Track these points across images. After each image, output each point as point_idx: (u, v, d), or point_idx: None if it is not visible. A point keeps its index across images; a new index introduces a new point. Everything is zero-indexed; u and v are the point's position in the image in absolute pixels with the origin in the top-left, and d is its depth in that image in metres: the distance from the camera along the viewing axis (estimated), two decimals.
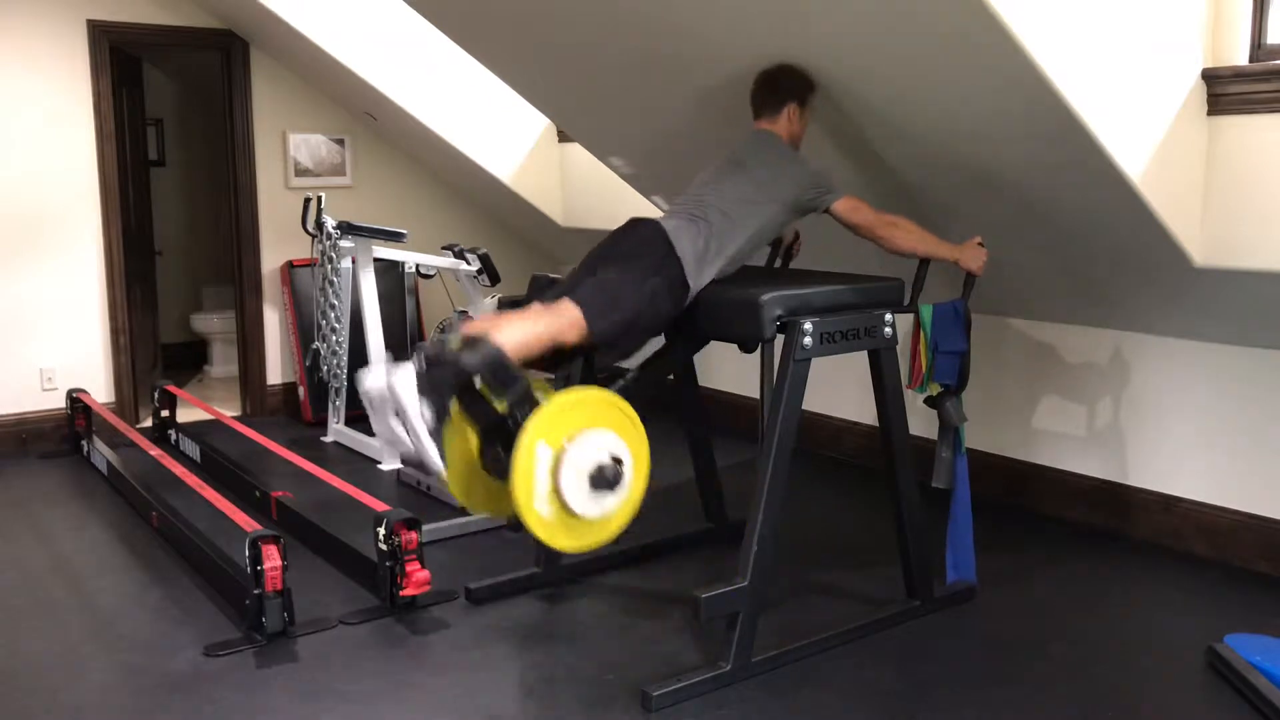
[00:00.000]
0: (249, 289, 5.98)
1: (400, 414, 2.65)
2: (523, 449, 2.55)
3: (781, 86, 3.33)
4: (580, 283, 2.96)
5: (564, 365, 3.18)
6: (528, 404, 2.64)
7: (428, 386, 2.62)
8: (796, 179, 3.22)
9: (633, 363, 3.19)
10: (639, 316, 2.92)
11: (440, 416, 2.65)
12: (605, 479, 2.66)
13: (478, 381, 2.72)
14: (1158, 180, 3.08)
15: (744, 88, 3.50)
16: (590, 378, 3.24)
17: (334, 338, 5.33)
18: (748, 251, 3.20)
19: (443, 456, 2.68)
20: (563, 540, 2.70)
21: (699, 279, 3.04)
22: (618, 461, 2.68)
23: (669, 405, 4.05)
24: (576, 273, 3.07)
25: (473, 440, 2.84)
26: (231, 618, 3.32)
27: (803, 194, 3.22)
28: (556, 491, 2.61)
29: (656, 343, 3.35)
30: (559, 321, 2.82)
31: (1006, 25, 2.60)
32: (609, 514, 2.73)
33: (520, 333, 2.75)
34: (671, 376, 3.83)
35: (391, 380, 2.64)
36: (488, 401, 2.76)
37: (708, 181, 3.24)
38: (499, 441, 2.76)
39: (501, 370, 2.66)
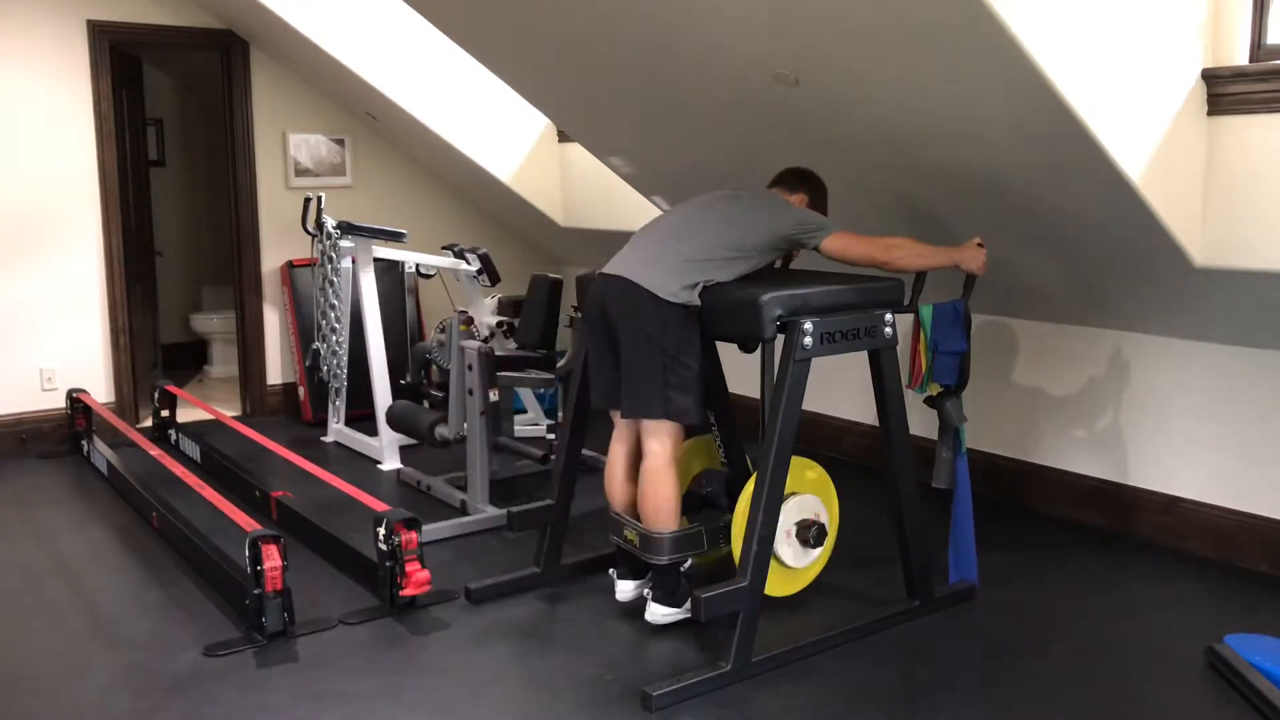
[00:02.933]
0: (249, 289, 5.98)
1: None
2: (739, 516, 3.05)
3: (806, 180, 3.49)
4: (617, 381, 3.20)
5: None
6: (698, 545, 3.25)
7: (671, 599, 3.19)
8: (790, 214, 3.28)
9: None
10: (687, 375, 3.10)
11: (683, 592, 3.19)
12: (810, 539, 3.22)
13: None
14: (1158, 180, 3.08)
15: (744, 87, 3.51)
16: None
17: (334, 338, 5.33)
18: (736, 275, 3.23)
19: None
20: (781, 589, 3.23)
21: (690, 295, 3.09)
22: (816, 522, 3.24)
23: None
24: (594, 358, 3.28)
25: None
26: (231, 618, 3.32)
27: (791, 230, 3.26)
28: (775, 555, 3.10)
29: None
30: (661, 455, 3.15)
31: (1006, 26, 2.59)
32: (813, 564, 3.32)
33: (662, 502, 3.15)
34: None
35: (667, 620, 3.21)
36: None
37: (686, 206, 3.35)
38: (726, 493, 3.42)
39: (673, 579, 3.21)
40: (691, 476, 3.47)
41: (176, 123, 7.68)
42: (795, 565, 3.24)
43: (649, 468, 3.16)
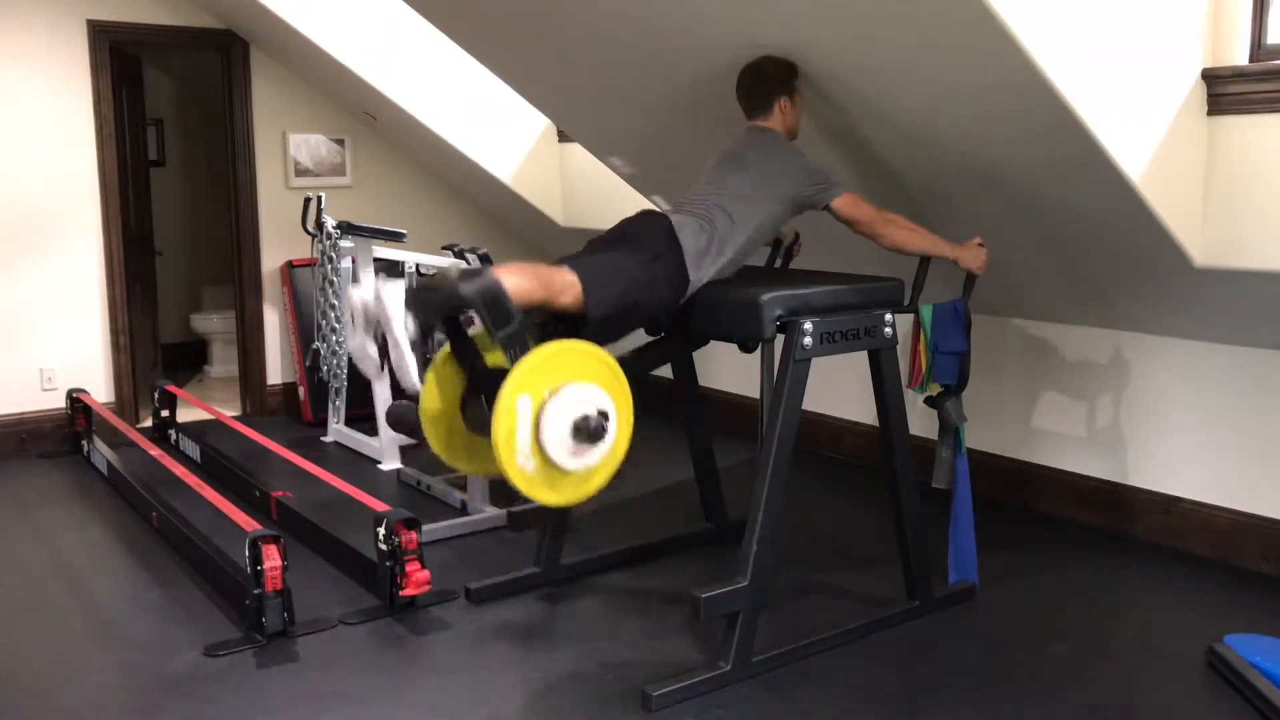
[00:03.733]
0: (249, 289, 5.98)
1: (384, 327, 2.61)
2: (504, 401, 2.51)
3: (766, 82, 3.30)
4: (583, 257, 2.96)
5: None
6: (521, 344, 2.61)
7: (417, 303, 2.60)
8: (797, 175, 3.21)
9: (617, 350, 3.18)
10: (635, 297, 2.90)
11: (425, 335, 2.63)
12: (588, 431, 2.61)
13: (473, 328, 2.72)
14: (1158, 180, 3.08)
15: None
16: None
17: (334, 338, 5.33)
18: (748, 250, 3.19)
19: (421, 376, 2.66)
20: (545, 494, 2.65)
21: (699, 273, 3.04)
22: (602, 415, 2.63)
23: (669, 405, 4.06)
24: (580, 252, 3.06)
25: (456, 390, 2.84)
26: (231, 618, 3.32)
27: (803, 189, 3.21)
28: (538, 443, 2.56)
29: (639, 338, 3.33)
30: (557, 281, 2.77)
31: (1006, 25, 2.60)
32: (591, 467, 2.68)
33: (518, 279, 2.69)
34: (671, 376, 3.83)
35: (380, 290, 2.60)
36: (479, 351, 2.76)
37: (709, 180, 3.24)
38: (484, 394, 2.74)
39: (498, 303, 2.62)
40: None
41: (176, 123, 7.68)
42: (568, 467, 2.62)
43: (550, 267, 2.81)
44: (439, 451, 2.91)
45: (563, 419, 2.59)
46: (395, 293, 2.59)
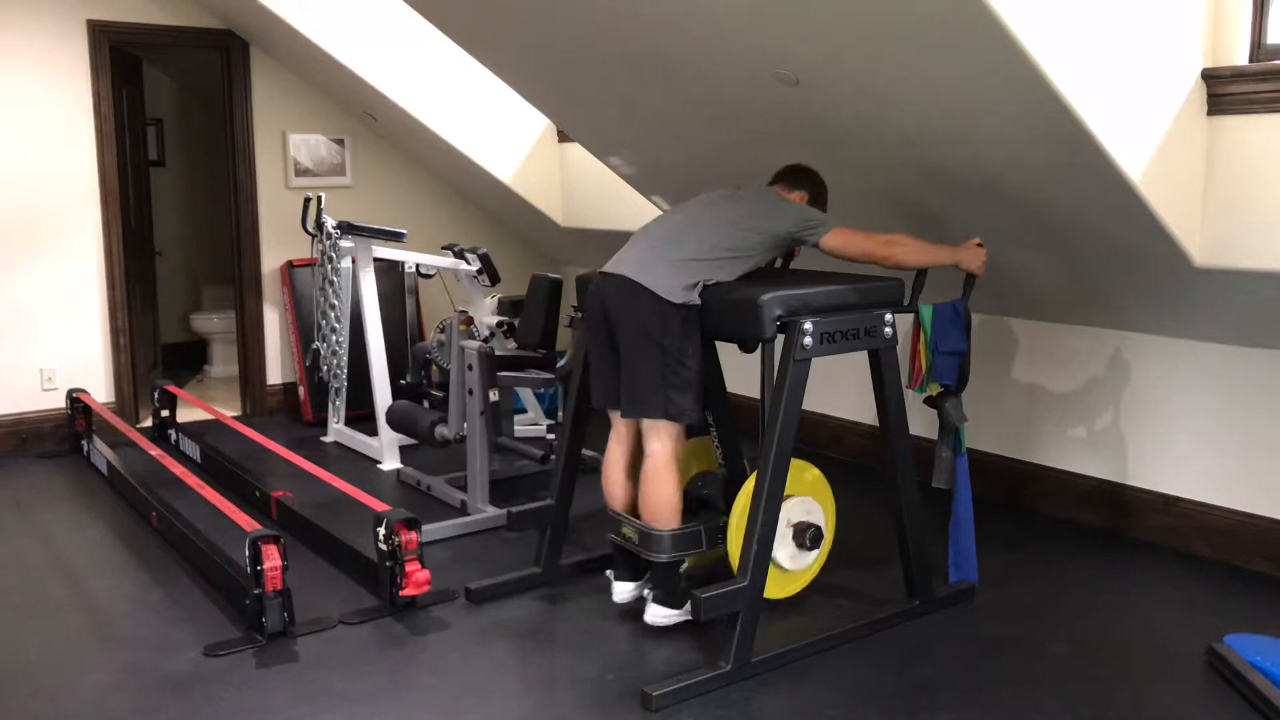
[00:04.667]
0: (249, 289, 5.98)
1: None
2: (735, 518, 3.09)
3: (806, 177, 3.48)
4: (617, 381, 3.19)
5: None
6: (696, 545, 3.21)
7: (671, 599, 3.17)
8: (790, 215, 3.28)
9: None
10: (687, 373, 3.10)
11: (682, 594, 3.15)
12: (806, 542, 3.24)
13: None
14: (1158, 180, 3.08)
15: (744, 87, 3.51)
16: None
17: (334, 338, 5.32)
18: (737, 274, 3.23)
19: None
20: (779, 592, 3.25)
21: (690, 294, 3.09)
22: (813, 525, 3.26)
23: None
24: (596, 358, 3.27)
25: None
26: (231, 618, 3.32)
27: (792, 227, 3.26)
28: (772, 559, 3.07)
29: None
30: (662, 454, 3.14)
31: (1006, 26, 2.59)
32: (810, 567, 3.34)
33: (663, 499, 3.14)
34: None
35: (666, 622, 3.18)
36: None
37: (688, 207, 3.35)
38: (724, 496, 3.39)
39: (676, 570, 3.22)
40: (689, 477, 3.46)
41: (176, 123, 7.68)
42: (791, 568, 3.25)
43: (650, 467, 3.15)
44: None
45: (787, 530, 3.21)
46: (666, 616, 3.18)
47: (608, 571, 3.43)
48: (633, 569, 3.33)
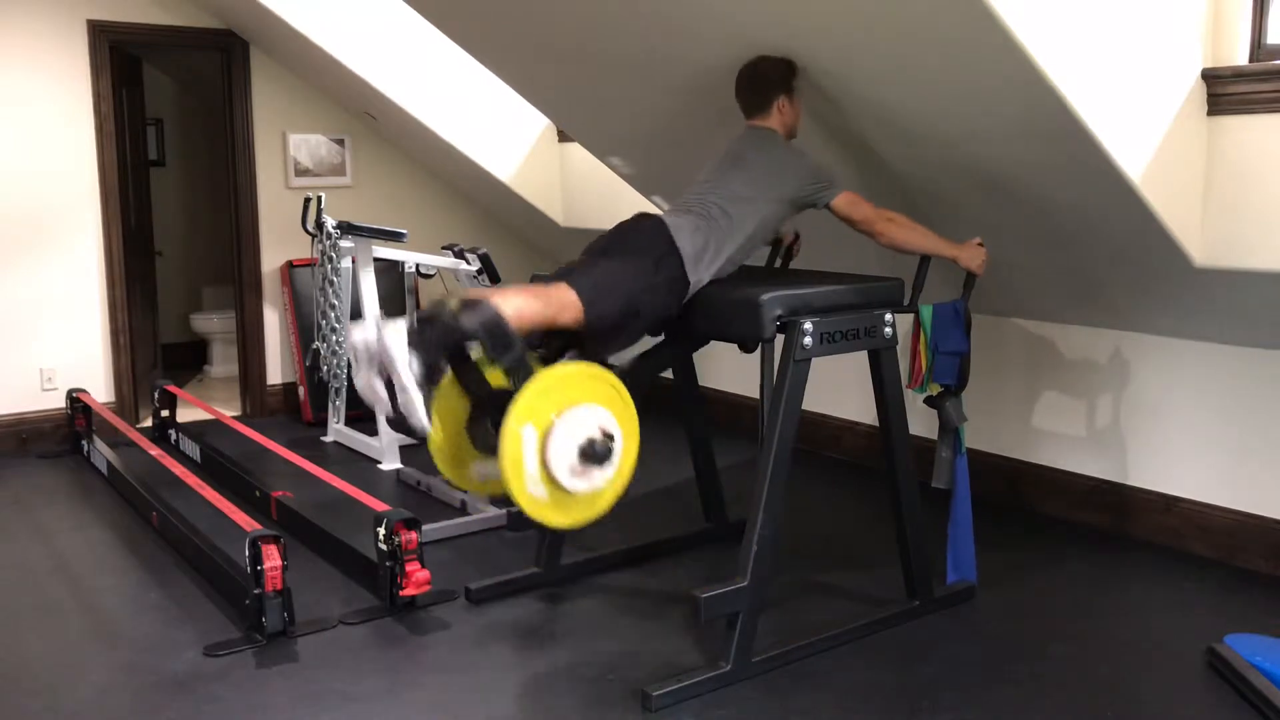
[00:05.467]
0: (249, 289, 5.98)
1: (388, 368, 2.59)
2: (509, 431, 2.53)
3: (765, 81, 3.30)
4: (579, 270, 2.95)
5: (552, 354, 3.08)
6: (524, 370, 2.62)
7: (420, 341, 2.57)
8: (797, 174, 3.22)
9: (624, 359, 3.18)
10: (636, 307, 2.91)
11: (430, 373, 2.60)
12: (594, 454, 2.64)
13: (474, 349, 2.71)
14: (1158, 180, 3.08)
15: None
16: None
17: (334, 338, 5.32)
18: (747, 249, 3.20)
19: (429, 415, 2.62)
20: (554, 517, 2.67)
21: (698, 274, 3.04)
22: (607, 436, 2.66)
23: (669, 405, 4.05)
24: (576, 261, 3.06)
25: (462, 413, 2.85)
26: (231, 618, 3.32)
27: (802, 189, 3.22)
28: (545, 468, 2.58)
29: (648, 342, 3.35)
30: (556, 300, 2.78)
31: (1006, 25, 2.60)
32: (599, 489, 2.70)
33: (518, 303, 2.70)
34: (671, 376, 3.83)
35: (382, 333, 2.57)
36: (481, 373, 2.77)
37: (708, 179, 3.24)
38: (490, 415, 2.76)
39: (500, 332, 2.63)
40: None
41: (176, 123, 7.68)
42: (574, 489, 2.64)
43: (549, 287, 2.81)
44: (450, 477, 2.93)
45: (569, 443, 2.61)
46: (397, 333, 2.57)
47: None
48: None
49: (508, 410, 2.54)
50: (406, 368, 2.55)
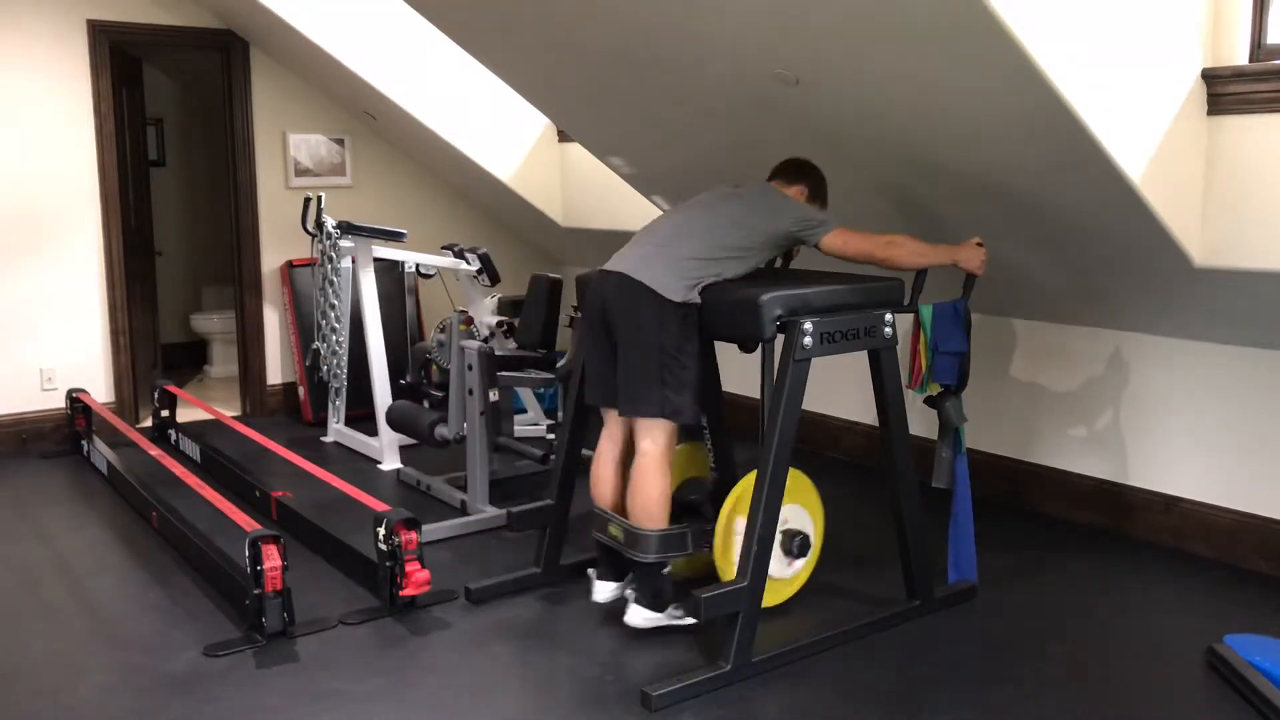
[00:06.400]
0: (249, 289, 5.98)
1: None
2: (723, 525, 3.12)
3: (804, 172, 3.44)
4: (613, 378, 3.17)
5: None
6: (684, 548, 3.20)
7: (658, 601, 3.16)
8: (789, 214, 3.27)
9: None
10: (684, 373, 3.08)
11: (664, 598, 3.17)
12: (793, 548, 3.24)
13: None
14: (1158, 180, 3.08)
15: (744, 88, 3.51)
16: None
17: (334, 338, 5.33)
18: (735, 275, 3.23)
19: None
20: (767, 600, 3.09)
21: (690, 293, 3.09)
22: (800, 532, 3.26)
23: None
24: (594, 356, 3.25)
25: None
26: (231, 618, 3.32)
27: (791, 226, 3.26)
28: None
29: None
30: (654, 453, 3.12)
31: (1006, 26, 2.59)
32: (798, 574, 3.34)
33: (653, 499, 3.13)
34: None
35: (653, 624, 3.16)
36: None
37: (689, 206, 3.33)
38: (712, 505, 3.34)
39: (663, 578, 3.18)
40: (679, 481, 3.44)
41: (176, 123, 7.68)
42: (779, 576, 3.22)
43: (641, 465, 3.14)
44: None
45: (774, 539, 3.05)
46: (651, 619, 3.16)
47: (590, 570, 3.42)
48: (616, 568, 3.32)
49: (724, 505, 3.16)
50: (678, 619, 3.16)
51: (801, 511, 3.28)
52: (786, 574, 3.26)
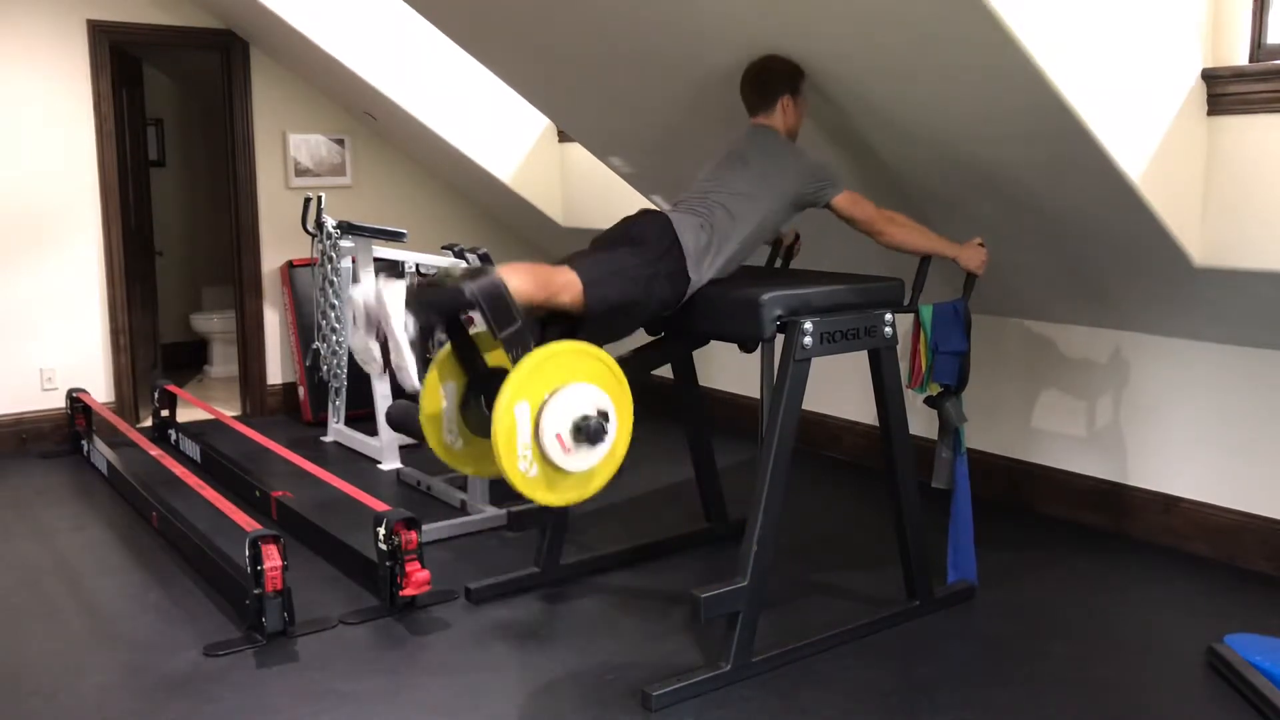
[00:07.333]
0: (249, 289, 5.98)
1: (384, 326, 2.61)
2: (503, 405, 2.53)
3: (771, 79, 3.31)
4: (584, 255, 2.97)
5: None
6: (522, 343, 2.62)
7: (418, 304, 2.60)
8: (798, 172, 3.22)
9: (617, 350, 3.17)
10: (636, 295, 2.91)
11: (425, 334, 2.63)
12: (588, 431, 2.63)
13: (475, 326, 2.74)
14: (1158, 180, 3.08)
15: None
16: None
17: (334, 338, 5.33)
18: (749, 248, 3.20)
19: (421, 376, 2.66)
20: (546, 495, 2.66)
21: (699, 272, 3.04)
22: (601, 415, 2.66)
23: (669, 405, 4.05)
24: (582, 251, 3.06)
25: (456, 391, 2.87)
26: (231, 618, 3.32)
27: (804, 187, 3.22)
28: (538, 445, 2.58)
29: (639, 339, 3.35)
30: (559, 280, 2.79)
31: (1006, 26, 2.60)
32: (592, 468, 2.70)
33: (521, 278, 2.70)
34: (671, 375, 3.83)
35: (381, 291, 2.59)
36: (479, 351, 2.79)
37: (710, 178, 3.25)
38: (484, 395, 2.78)
39: (501, 303, 2.62)
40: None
41: (176, 123, 7.68)
42: (576, 468, 2.66)
43: (550, 266, 2.83)
44: (439, 453, 2.93)
45: (562, 420, 2.61)
46: (396, 292, 2.59)
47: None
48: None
49: (502, 386, 2.54)
50: (402, 327, 2.57)
51: (597, 390, 2.68)
52: (574, 465, 2.64)
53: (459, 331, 2.80)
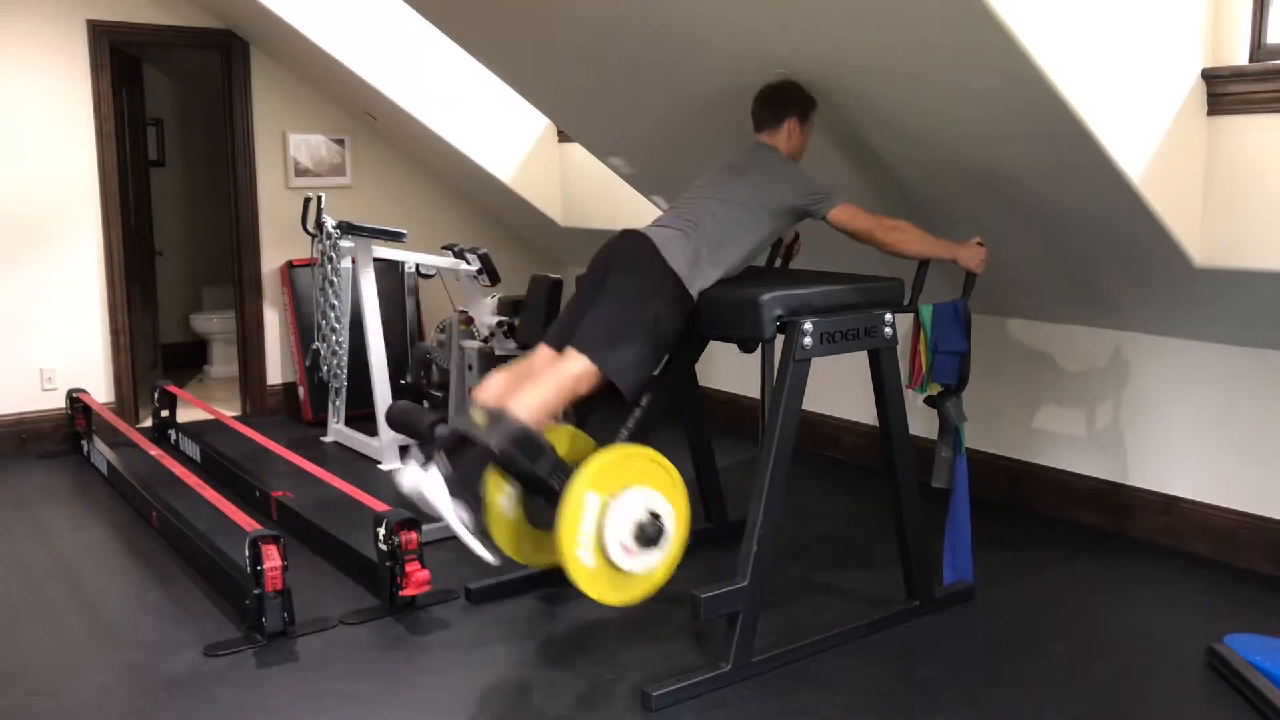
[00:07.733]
0: (249, 289, 5.98)
1: (437, 516, 2.77)
2: (571, 499, 2.66)
3: (782, 101, 3.35)
4: (581, 320, 3.00)
5: (591, 405, 3.23)
6: (561, 471, 2.81)
7: (459, 487, 2.75)
8: (793, 185, 3.24)
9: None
10: (649, 345, 2.97)
11: (477, 511, 2.79)
12: (646, 536, 2.75)
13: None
14: (1158, 180, 3.08)
15: (744, 87, 3.50)
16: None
17: (334, 338, 5.33)
18: (748, 258, 3.21)
19: (489, 548, 2.83)
20: (608, 594, 2.76)
21: (696, 284, 3.05)
22: (656, 518, 2.77)
23: (669, 405, 4.05)
24: (575, 303, 3.11)
25: (514, 493, 3.06)
26: (231, 618, 3.32)
27: (799, 200, 3.24)
28: (601, 546, 2.70)
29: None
30: (570, 374, 2.88)
31: (1007, 26, 2.60)
32: (652, 569, 2.81)
33: (538, 399, 2.83)
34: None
35: (423, 489, 2.75)
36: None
37: (703, 185, 3.27)
38: (540, 494, 2.93)
39: (528, 446, 2.79)
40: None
41: (176, 123, 7.68)
42: (626, 568, 2.75)
43: (556, 368, 2.88)
44: (511, 554, 3.13)
45: (623, 523, 2.73)
46: (435, 485, 2.73)
47: (413, 449, 2.98)
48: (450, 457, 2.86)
49: (566, 488, 2.68)
50: (457, 519, 2.74)
51: (657, 496, 2.79)
52: (634, 567, 2.75)
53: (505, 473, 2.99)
